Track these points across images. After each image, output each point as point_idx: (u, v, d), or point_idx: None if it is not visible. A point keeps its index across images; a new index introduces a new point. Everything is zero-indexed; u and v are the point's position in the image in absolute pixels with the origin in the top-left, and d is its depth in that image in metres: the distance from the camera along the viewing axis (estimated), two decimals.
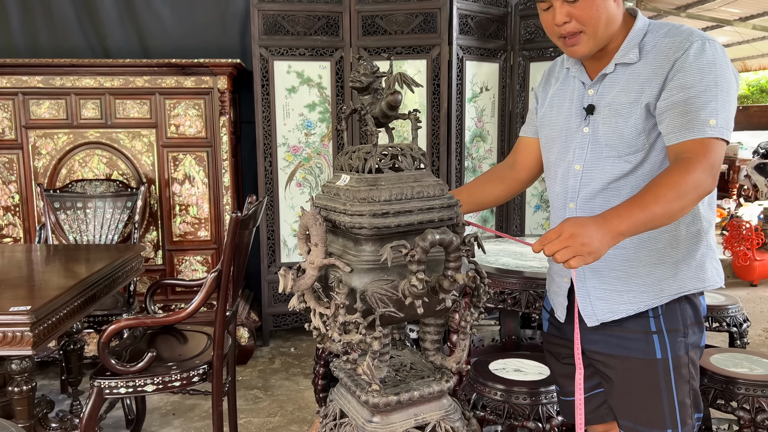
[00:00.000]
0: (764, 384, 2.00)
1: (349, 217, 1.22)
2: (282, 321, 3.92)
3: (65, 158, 3.44)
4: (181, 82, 3.43)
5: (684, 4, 8.26)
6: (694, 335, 1.45)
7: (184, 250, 3.59)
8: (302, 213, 1.25)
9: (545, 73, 1.69)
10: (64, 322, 1.93)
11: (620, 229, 1.23)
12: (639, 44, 1.40)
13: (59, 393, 3.10)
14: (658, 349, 1.42)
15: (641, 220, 1.24)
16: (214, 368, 2.18)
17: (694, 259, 1.43)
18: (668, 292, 1.42)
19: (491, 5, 3.84)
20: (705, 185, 1.27)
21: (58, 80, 3.36)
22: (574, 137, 1.49)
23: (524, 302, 2.36)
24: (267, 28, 3.64)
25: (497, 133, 4.04)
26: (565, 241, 1.20)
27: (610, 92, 1.42)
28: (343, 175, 1.32)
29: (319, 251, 1.20)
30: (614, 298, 1.45)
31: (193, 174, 3.54)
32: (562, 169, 1.52)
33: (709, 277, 1.45)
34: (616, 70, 1.42)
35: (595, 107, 1.44)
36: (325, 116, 3.77)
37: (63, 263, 2.44)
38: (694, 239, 1.43)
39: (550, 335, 1.67)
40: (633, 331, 1.44)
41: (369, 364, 1.25)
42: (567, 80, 1.55)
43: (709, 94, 1.30)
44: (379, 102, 1.36)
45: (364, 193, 1.23)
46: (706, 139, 1.29)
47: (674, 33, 1.37)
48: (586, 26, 1.37)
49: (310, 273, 1.21)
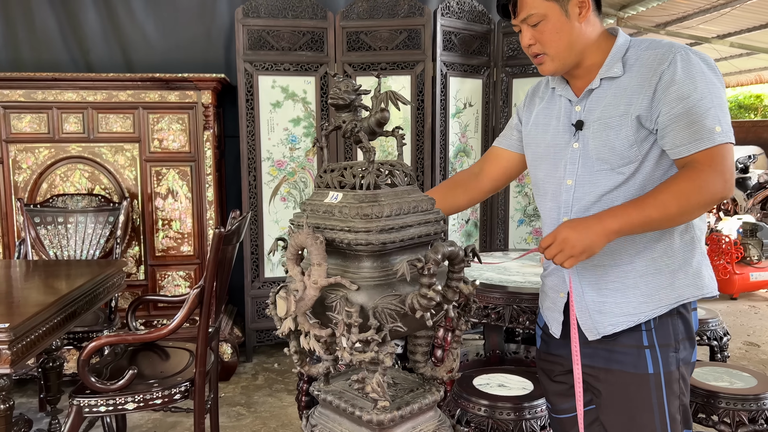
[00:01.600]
0: (744, 398, 2.02)
1: (353, 234, 1.21)
2: (265, 336, 3.90)
3: (46, 172, 3.40)
4: (165, 96, 3.42)
5: (663, 21, 8.43)
6: (685, 350, 1.46)
7: (167, 265, 3.56)
8: (292, 233, 1.23)
9: (528, 93, 1.71)
10: (43, 339, 1.90)
11: (613, 227, 1.30)
12: (622, 59, 1.43)
13: (38, 411, 3.04)
14: (650, 363, 1.43)
15: (636, 221, 1.30)
16: (197, 385, 2.15)
17: (690, 267, 1.45)
18: (667, 301, 1.43)
19: (474, 22, 3.88)
20: (715, 192, 1.31)
21: (40, 94, 3.33)
22: (563, 153, 1.51)
23: (508, 317, 2.37)
24: (252, 43, 3.65)
25: (481, 148, 4.07)
26: (559, 245, 1.32)
27: (598, 106, 1.45)
28: (332, 192, 1.31)
29: (322, 271, 1.18)
30: (614, 310, 1.46)
31: (176, 188, 3.52)
32: (552, 185, 1.54)
33: (706, 284, 1.47)
34: (602, 85, 1.45)
35: (584, 122, 1.47)
36: (310, 131, 3.78)
37: (43, 279, 2.41)
38: (689, 247, 1.45)
39: (542, 352, 1.67)
40: (625, 345, 1.45)
41: (380, 381, 1.24)
42: (553, 99, 1.58)
43: (707, 101, 1.33)
44: (367, 119, 1.37)
45: (367, 209, 1.23)
46: (716, 147, 1.32)
47: (655, 46, 1.41)
48: (547, 49, 1.44)
49: (311, 294, 1.19)
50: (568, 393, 1.58)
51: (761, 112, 17.93)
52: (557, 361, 1.59)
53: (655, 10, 7.69)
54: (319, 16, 3.68)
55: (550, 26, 1.42)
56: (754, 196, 7.34)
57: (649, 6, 7.45)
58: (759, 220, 6.44)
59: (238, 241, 2.32)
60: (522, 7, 1.43)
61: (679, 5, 7.62)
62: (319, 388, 1.41)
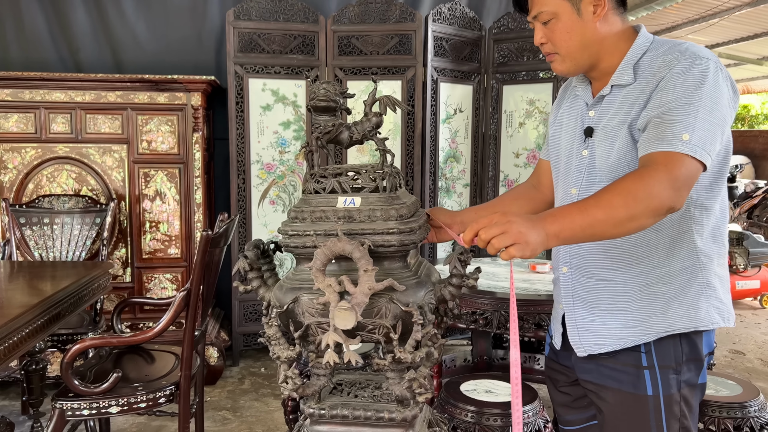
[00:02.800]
0: (730, 405, 2.04)
1: (392, 236, 1.24)
2: (252, 340, 3.87)
3: (33, 173, 3.37)
4: (155, 97, 3.40)
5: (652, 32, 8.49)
6: (688, 372, 1.37)
7: (154, 267, 3.53)
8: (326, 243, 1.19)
9: (561, 89, 1.62)
10: (26, 341, 1.87)
11: (553, 229, 1.16)
12: (635, 65, 1.35)
13: (20, 414, 3.00)
14: (649, 385, 1.36)
15: (579, 224, 1.17)
16: (182, 389, 2.13)
17: (686, 297, 1.35)
18: (656, 329, 1.35)
19: (466, 29, 3.90)
20: (662, 198, 1.17)
21: (27, 93, 3.30)
22: (573, 160, 1.45)
23: (496, 323, 2.37)
24: (243, 45, 3.64)
25: (470, 154, 4.08)
26: (502, 226, 1.13)
27: (606, 114, 1.38)
28: (343, 196, 1.30)
29: (372, 276, 1.18)
30: (601, 330, 1.40)
31: (164, 190, 3.50)
32: (561, 192, 1.49)
33: (702, 316, 1.35)
34: (612, 92, 1.38)
35: (594, 130, 1.40)
36: (300, 134, 3.77)
37: (27, 280, 2.38)
38: (689, 275, 1.35)
39: (549, 360, 1.61)
40: (625, 364, 1.38)
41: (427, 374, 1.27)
42: (576, 99, 1.50)
43: (689, 109, 1.23)
44: (361, 123, 1.38)
45: (402, 210, 1.27)
46: (673, 152, 1.21)
47: (670, 51, 1.32)
48: (558, 48, 1.38)
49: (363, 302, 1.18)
50: (573, 405, 1.55)
51: (748, 122, 18.13)
52: (562, 371, 1.55)
53: (644, 19, 7.77)
54: (311, 19, 3.68)
55: (561, 25, 1.35)
56: (740, 205, 7.41)
57: (638, 15, 7.52)
58: (745, 229, 6.50)
59: (225, 244, 2.31)
60: (533, 3, 1.37)
61: (669, 15, 7.70)
62: (313, 406, 1.36)
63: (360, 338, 1.23)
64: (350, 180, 1.32)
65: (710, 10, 7.40)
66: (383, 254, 1.24)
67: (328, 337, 1.20)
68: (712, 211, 1.36)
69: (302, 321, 1.25)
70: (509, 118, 4.01)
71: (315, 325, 1.25)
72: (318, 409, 1.35)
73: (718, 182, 1.35)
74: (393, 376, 1.31)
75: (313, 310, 1.23)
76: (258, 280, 1.35)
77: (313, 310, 1.23)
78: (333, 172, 1.34)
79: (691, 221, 1.34)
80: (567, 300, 1.46)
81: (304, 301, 1.24)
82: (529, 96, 3.92)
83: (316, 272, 1.20)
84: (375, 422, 1.32)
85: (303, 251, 1.28)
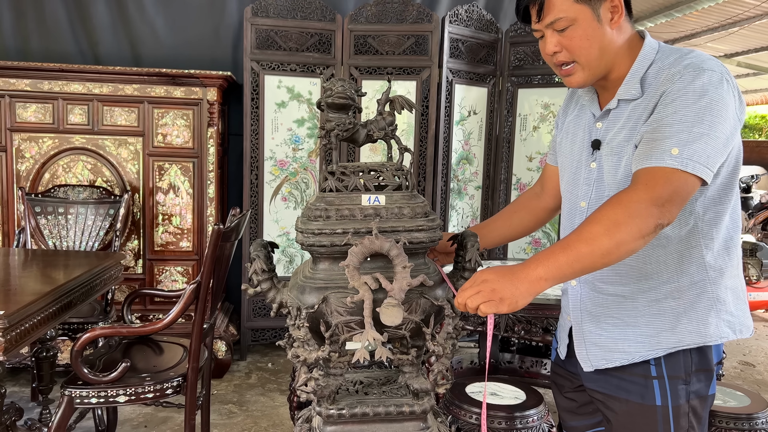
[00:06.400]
0: (737, 416, 2.02)
1: (422, 233, 1.27)
2: (260, 335, 3.89)
3: (49, 163, 3.41)
4: (171, 91, 3.43)
5: (671, 39, 8.44)
6: (698, 383, 1.34)
7: (165, 260, 3.56)
8: (361, 241, 1.19)
9: (567, 96, 1.57)
10: (37, 328, 1.90)
11: (538, 273, 1.15)
12: (642, 78, 1.30)
13: (29, 401, 3.04)
14: (658, 395, 1.33)
15: (564, 262, 1.15)
16: (189, 381, 2.15)
17: (696, 312, 1.32)
18: (665, 344, 1.33)
19: (482, 31, 3.89)
20: (644, 217, 1.14)
21: (46, 84, 3.34)
22: (581, 171, 1.41)
23: (503, 326, 2.37)
24: (259, 42, 3.65)
25: (483, 157, 4.07)
26: (476, 287, 1.17)
27: (613, 129, 1.34)
28: (366, 194, 1.30)
29: (408, 272, 1.20)
30: (609, 345, 1.37)
31: (178, 184, 3.52)
32: (569, 204, 1.45)
33: (711, 332, 1.32)
34: (619, 106, 1.33)
35: (601, 143, 1.35)
36: (314, 132, 3.78)
37: (40, 268, 2.41)
38: (698, 290, 1.32)
39: (556, 365, 1.59)
40: (633, 374, 1.36)
41: (447, 365, 1.31)
42: (582, 109, 1.46)
43: (684, 124, 1.18)
44: (375, 121, 1.38)
45: (426, 208, 1.30)
46: (657, 167, 1.17)
47: (676, 63, 1.26)
48: (577, 56, 1.30)
49: (401, 297, 1.20)
50: (578, 411, 1.53)
51: (766, 132, 17.95)
52: (568, 377, 1.53)
53: (663, 26, 7.72)
54: (328, 18, 3.69)
55: (581, 32, 1.27)
56: (755, 216, 7.33)
57: (657, 22, 7.47)
58: (759, 240, 6.43)
59: (236, 239, 2.32)
60: (549, 9, 1.28)
61: (688, 22, 7.64)
62: (330, 407, 1.34)
63: (387, 335, 1.24)
64: (374, 178, 1.32)
65: (730, 19, 7.34)
66: (411, 251, 1.25)
67: (367, 335, 1.20)
68: (722, 223, 1.32)
69: (330, 321, 1.25)
70: (523, 122, 4.00)
71: (342, 324, 1.25)
72: (337, 410, 1.33)
73: (726, 194, 1.32)
74: (411, 370, 1.33)
75: (342, 309, 1.23)
76: (268, 282, 1.34)
77: (342, 309, 1.23)
78: (354, 170, 1.34)
79: (699, 236, 1.31)
80: (575, 313, 1.45)
81: (333, 300, 1.23)
82: (544, 100, 3.91)
83: (351, 270, 1.19)
84: (395, 417, 1.33)
85: (330, 250, 1.25)
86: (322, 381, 1.30)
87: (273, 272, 1.37)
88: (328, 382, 1.33)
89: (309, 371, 1.31)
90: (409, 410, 1.32)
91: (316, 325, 1.26)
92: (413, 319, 1.24)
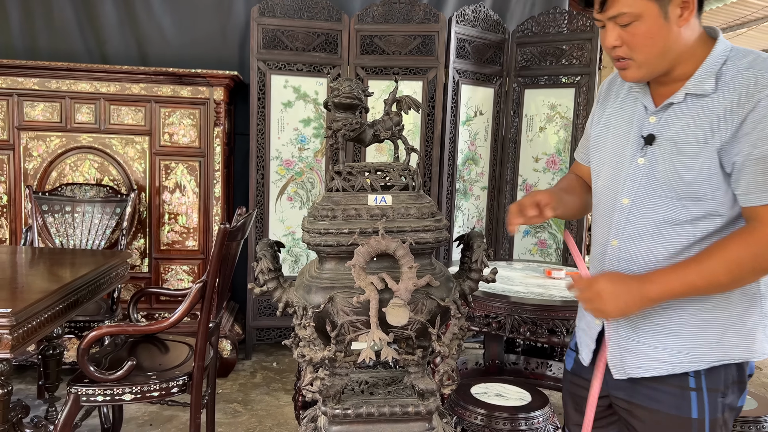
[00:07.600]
0: (744, 420, 2.01)
1: (428, 233, 1.27)
2: (266, 335, 3.90)
3: (56, 161, 3.42)
4: (178, 91, 3.44)
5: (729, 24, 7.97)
6: (732, 394, 1.28)
7: (171, 259, 3.57)
8: (368, 241, 1.20)
9: (604, 86, 1.48)
10: (44, 326, 1.91)
11: (651, 294, 1.20)
12: (716, 73, 1.21)
13: (35, 398, 3.05)
14: (695, 408, 1.26)
15: (677, 289, 1.19)
16: (194, 380, 2.16)
17: (744, 326, 1.26)
18: (710, 358, 1.26)
19: (489, 31, 3.89)
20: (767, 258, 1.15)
21: (54, 83, 3.35)
22: (625, 167, 1.32)
23: (509, 327, 2.36)
24: (266, 42, 3.66)
25: (489, 157, 4.07)
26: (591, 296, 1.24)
27: (676, 124, 1.25)
28: (373, 195, 1.30)
29: (414, 272, 1.20)
30: (647, 353, 1.30)
31: (184, 183, 3.53)
32: (607, 199, 1.36)
33: (757, 348, 1.27)
34: (685, 101, 1.24)
35: (656, 138, 1.27)
36: (320, 132, 3.79)
37: (47, 266, 2.42)
38: (749, 303, 1.26)
39: (571, 374, 1.49)
40: (669, 385, 1.28)
41: (453, 366, 1.32)
42: (627, 99, 1.37)
43: None
44: (382, 121, 1.38)
45: (433, 208, 1.30)
46: None
47: (760, 65, 1.19)
48: (636, 54, 1.23)
49: (407, 297, 1.21)
50: (593, 426, 1.41)
51: None
52: (586, 386, 1.40)
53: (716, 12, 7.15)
54: (335, 18, 3.69)
55: (645, 29, 1.19)
56: None
57: None
58: None
59: (242, 238, 2.33)
60: (613, 2, 1.20)
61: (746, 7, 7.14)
62: (335, 406, 1.35)
63: (393, 335, 1.24)
64: (380, 178, 1.32)
65: (737, 20, 7.28)
66: (417, 251, 1.25)
67: (373, 335, 1.20)
68: None
69: (336, 320, 1.25)
70: (530, 122, 3.99)
71: (348, 323, 1.25)
72: (342, 410, 1.33)
73: None
74: (416, 370, 1.32)
75: (348, 309, 1.23)
76: (274, 281, 1.34)
77: (348, 309, 1.23)
78: (360, 170, 1.33)
79: None
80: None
81: (339, 300, 1.23)
82: (551, 101, 3.90)
83: (358, 270, 1.20)
84: (401, 417, 1.33)
85: (336, 250, 1.25)
86: (328, 381, 1.30)
87: (279, 272, 1.37)
88: (334, 381, 1.33)
89: (315, 371, 1.31)
90: (414, 411, 1.33)
91: (322, 325, 1.26)
92: (419, 319, 1.24)
